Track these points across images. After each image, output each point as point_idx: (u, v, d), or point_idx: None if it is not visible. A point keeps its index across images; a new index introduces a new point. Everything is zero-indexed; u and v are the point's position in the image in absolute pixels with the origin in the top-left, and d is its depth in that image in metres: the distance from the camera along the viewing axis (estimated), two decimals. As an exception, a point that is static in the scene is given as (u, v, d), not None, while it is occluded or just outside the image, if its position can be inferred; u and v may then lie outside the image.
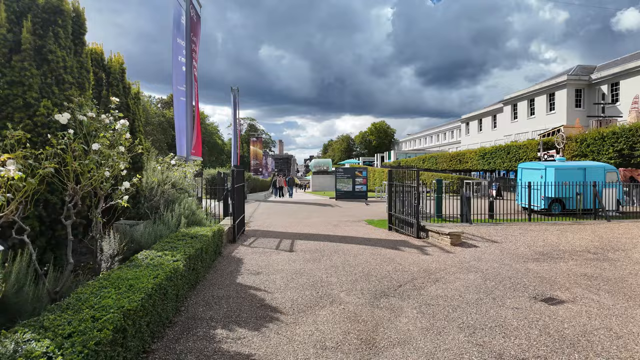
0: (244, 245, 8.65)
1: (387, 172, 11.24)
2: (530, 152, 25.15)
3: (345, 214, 15.97)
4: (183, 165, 8.59)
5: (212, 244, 6.41)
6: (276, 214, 16.33)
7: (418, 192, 9.35)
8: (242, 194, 10.73)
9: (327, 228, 11.82)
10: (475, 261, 6.88)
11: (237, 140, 24.13)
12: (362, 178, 22.96)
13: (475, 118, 47.96)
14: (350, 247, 8.31)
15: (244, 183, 10.72)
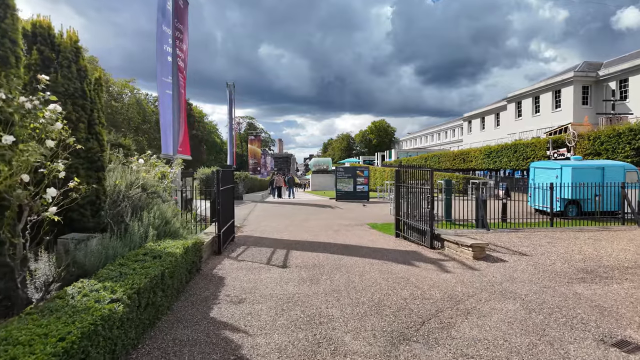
0: (230, 258, 7.31)
1: (394, 172, 9.92)
2: (539, 150, 23.81)
3: (347, 217, 14.65)
4: (156, 164, 7.24)
5: (183, 264, 5.07)
6: (272, 216, 15.01)
7: (432, 196, 8.03)
8: (232, 197, 9.40)
9: (327, 234, 10.50)
10: (508, 282, 5.55)
11: (234, 139, 22.79)
12: (363, 178, 21.63)
13: (478, 116, 46.59)
14: (354, 261, 6.97)
15: (233, 185, 9.38)
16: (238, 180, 23.25)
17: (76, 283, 3.49)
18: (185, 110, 12.55)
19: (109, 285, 3.44)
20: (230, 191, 9.18)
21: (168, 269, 4.35)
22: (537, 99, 36.32)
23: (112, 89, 48.83)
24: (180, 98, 11.80)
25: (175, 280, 4.69)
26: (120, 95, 49.15)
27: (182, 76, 12.16)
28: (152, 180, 6.68)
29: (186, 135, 12.51)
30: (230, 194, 9.18)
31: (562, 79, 33.49)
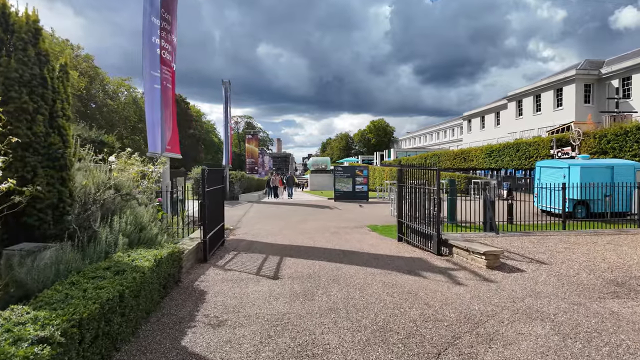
0: (217, 266, 6.54)
1: (397, 172, 9.17)
2: (542, 149, 23.10)
3: (346, 218, 13.91)
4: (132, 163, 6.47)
5: (154, 279, 4.30)
6: (268, 218, 14.25)
7: (439, 197, 7.28)
8: (221, 198, 8.64)
9: (324, 237, 9.75)
10: (532, 298, 4.80)
11: (229, 137, 22.02)
12: (362, 177, 20.88)
13: (478, 115, 45.90)
14: (354, 270, 6.21)
15: (222, 185, 8.62)
16: (234, 180, 22.48)
17: (2, 312, 2.72)
18: (174, 107, 11.76)
19: (43, 315, 2.67)
20: (219, 192, 8.42)
21: (131, 288, 3.58)
22: (538, 98, 35.63)
23: (107, 88, 48.02)
24: (168, 93, 11.04)
25: (143, 300, 3.93)
26: (116, 94, 48.34)
27: (171, 70, 11.39)
28: (128, 180, 5.91)
29: (176, 133, 11.73)
30: (219, 195, 8.42)
31: (563, 77, 32.81)
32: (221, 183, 8.61)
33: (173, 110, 11.63)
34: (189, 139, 57.89)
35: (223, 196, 8.66)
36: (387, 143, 75.42)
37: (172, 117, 11.51)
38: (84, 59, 46.11)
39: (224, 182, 8.61)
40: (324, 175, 39.68)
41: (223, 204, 8.68)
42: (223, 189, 8.63)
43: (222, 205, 8.57)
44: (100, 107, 45.53)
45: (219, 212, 8.40)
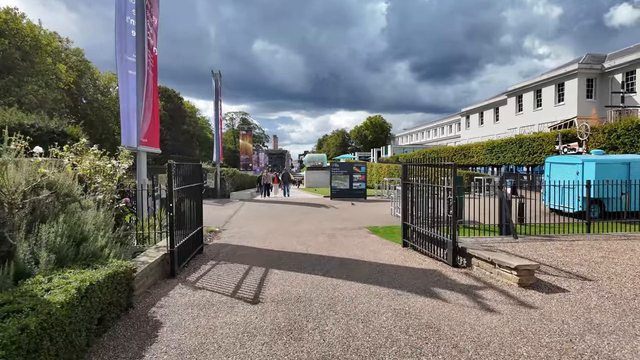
0: (186, 283, 5.26)
1: (402, 169, 7.91)
2: (547, 145, 21.94)
3: (343, 218, 12.67)
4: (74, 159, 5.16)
5: (74, 317, 2.99)
6: (259, 217, 12.97)
7: (455, 198, 6.05)
8: (199, 199, 7.34)
9: (319, 242, 8.50)
10: (594, 335, 3.55)
11: (220, 132, 20.67)
12: (360, 174, 19.63)
13: (476, 111, 44.76)
14: (355, 290, 4.92)
15: (200, 183, 7.32)
16: (225, 177, 21.16)
17: None
18: (155, 96, 10.41)
19: None
20: (196, 190, 7.13)
21: (19, 345, 2.30)
22: (539, 93, 34.52)
23: (98, 83, 46.33)
24: (147, 80, 9.67)
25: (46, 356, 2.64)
26: (107, 89, 46.66)
27: (152, 54, 10.03)
28: (67, 178, 4.60)
29: (156, 125, 10.39)
30: (196, 194, 7.12)
31: (565, 72, 31.69)
32: (199, 180, 7.32)
33: (154, 100, 10.29)
34: (183, 135, 56.35)
35: (201, 195, 7.36)
36: (383, 140, 74.17)
37: (153, 107, 10.17)
38: (73, 52, 44.41)
39: (203, 178, 7.32)
40: (320, 172, 38.43)
41: (201, 204, 7.39)
42: (201, 187, 7.34)
43: (200, 206, 7.28)
44: (90, 102, 43.94)
45: (197, 214, 7.12)
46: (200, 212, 7.32)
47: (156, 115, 10.31)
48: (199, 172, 7.26)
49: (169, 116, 53.18)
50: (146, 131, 9.60)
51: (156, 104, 10.36)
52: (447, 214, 6.29)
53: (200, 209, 7.32)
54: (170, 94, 54.08)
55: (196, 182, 7.11)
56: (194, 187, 6.98)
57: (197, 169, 7.20)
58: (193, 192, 6.86)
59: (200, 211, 7.29)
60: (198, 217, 7.22)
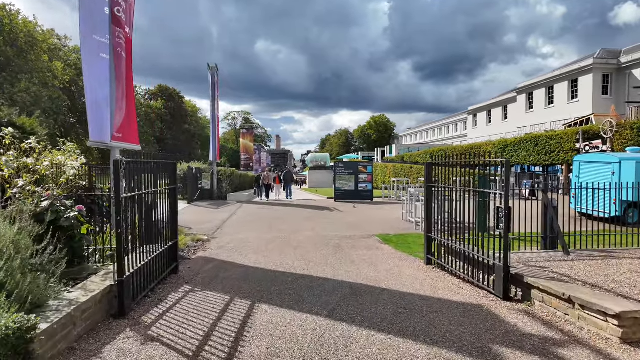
0: (137, 329, 3.72)
1: (425, 169, 6.36)
2: (566, 143, 20.30)
3: (349, 223, 11.14)
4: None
5: None
6: (255, 223, 11.46)
7: (507, 207, 4.52)
8: (172, 206, 5.81)
9: (323, 255, 6.98)
10: None
11: (217, 129, 19.18)
12: (366, 174, 18.08)
13: (484, 109, 43.06)
14: (377, 350, 3.34)
15: (174, 186, 5.79)
16: (222, 177, 19.69)
17: None
18: (130, 83, 8.92)
19: None
20: (168, 195, 5.63)
21: None
22: (551, 90, 32.82)
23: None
24: (120, 63, 8.18)
25: None
26: (106, 87, 45.43)
27: (125, 34, 8.54)
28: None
29: (132, 117, 8.89)
30: (168, 199, 5.62)
31: (579, 67, 30.00)
32: (172, 181, 5.81)
33: (128, 88, 8.77)
34: (184, 134, 55.00)
35: (175, 201, 5.84)
36: (387, 139, 72.47)
37: (127, 96, 8.66)
38: (72, 50, 43.15)
39: (176, 179, 5.81)
40: (323, 172, 36.95)
41: (176, 212, 5.86)
42: (174, 191, 5.82)
43: (174, 214, 5.77)
44: (89, 101, 42.63)
45: (170, 225, 5.61)
46: (175, 223, 5.80)
47: (132, 107, 8.80)
48: (171, 171, 5.75)
49: (169, 115, 51.86)
50: (120, 124, 8.12)
51: (131, 94, 8.85)
52: (491, 226, 4.75)
53: (175, 219, 5.80)
54: (171, 92, 52.77)
55: (167, 184, 5.61)
56: (164, 191, 5.47)
57: (168, 167, 5.68)
58: (163, 198, 5.36)
59: (174, 221, 5.78)
60: (172, 229, 5.71)
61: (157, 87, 52.43)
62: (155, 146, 48.48)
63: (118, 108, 7.72)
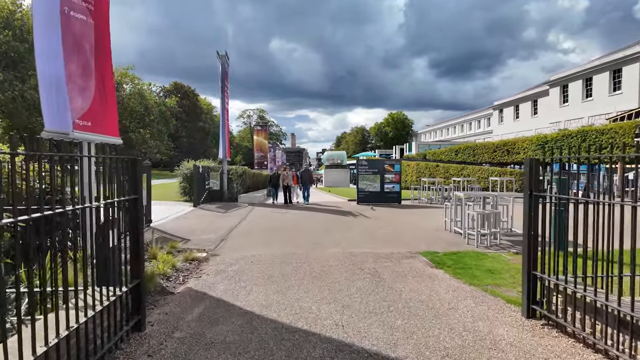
0: None
1: (529, 166, 4.04)
2: (621, 137, 17.48)
3: (381, 235, 8.89)
4: None
5: None
6: (267, 232, 9.33)
7: None
8: (134, 227, 3.65)
9: (359, 293, 4.76)
10: None
11: (226, 123, 17.15)
12: (394, 174, 15.74)
13: (511, 104, 39.95)
14: None
15: (135, 196, 3.64)
16: (233, 177, 17.67)
17: None
18: (107, 59, 6.84)
19: None
20: (129, 211, 3.49)
21: None
22: (589, 82, 29.66)
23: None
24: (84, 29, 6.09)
25: None
26: (120, 84, 44.05)
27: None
28: None
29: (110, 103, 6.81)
30: (129, 216, 3.49)
31: (623, 56, 26.82)
32: (132, 189, 3.66)
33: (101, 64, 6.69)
34: (199, 132, 53.60)
35: (137, 220, 3.66)
36: (405, 136, 69.52)
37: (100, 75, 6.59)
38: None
39: (137, 187, 3.64)
40: (340, 171, 34.78)
41: (138, 236, 3.68)
42: (135, 204, 3.65)
43: (135, 241, 3.61)
44: (104, 98, 41.40)
45: (132, 257, 3.48)
46: (137, 254, 3.65)
47: (109, 89, 6.71)
48: (132, 173, 3.60)
49: (184, 113, 50.49)
50: (88, 109, 6.05)
51: (108, 73, 6.76)
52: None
53: (137, 248, 3.65)
54: (186, 90, 51.40)
55: (133, 194, 3.48)
56: (125, 203, 3.34)
57: (126, 168, 3.53)
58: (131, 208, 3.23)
59: (136, 251, 3.62)
60: (134, 264, 3.57)
61: (172, 85, 51.09)
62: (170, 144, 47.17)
63: (77, 88, 5.63)
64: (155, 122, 43.95)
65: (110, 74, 6.82)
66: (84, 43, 5.94)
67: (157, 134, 43.77)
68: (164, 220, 11.08)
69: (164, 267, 5.89)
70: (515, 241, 8.47)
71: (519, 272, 6.02)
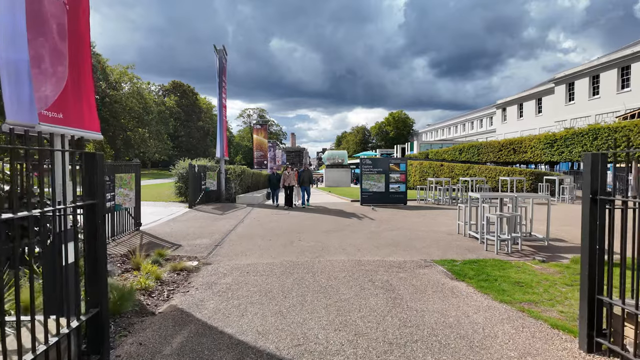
0: None
1: (589, 164, 3.26)
2: (635, 136, 16.69)
3: (390, 240, 8.08)
4: None
5: None
6: (266, 237, 8.51)
7: None
8: (91, 237, 2.85)
9: (373, 314, 3.95)
10: None
11: (224, 120, 16.35)
12: (399, 173, 14.94)
13: (515, 102, 39.14)
14: None
15: (94, 202, 2.84)
16: (231, 176, 16.86)
17: None
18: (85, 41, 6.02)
19: None
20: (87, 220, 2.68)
21: None
22: (596, 79, 28.83)
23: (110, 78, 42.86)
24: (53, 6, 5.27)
25: None
26: (118, 83, 43.17)
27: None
28: None
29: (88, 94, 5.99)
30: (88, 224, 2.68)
31: (632, 53, 25.97)
32: (90, 194, 2.84)
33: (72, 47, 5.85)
34: (198, 131, 52.75)
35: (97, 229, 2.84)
36: (406, 136, 68.66)
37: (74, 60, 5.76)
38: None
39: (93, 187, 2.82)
40: (341, 171, 34.01)
41: (99, 253, 2.87)
42: (94, 211, 2.83)
43: (92, 259, 2.80)
44: (102, 97, 40.58)
45: (89, 278, 2.68)
46: (96, 273, 2.83)
47: (86, 77, 5.89)
48: (89, 175, 2.78)
49: (183, 112, 49.64)
50: (58, 98, 5.24)
51: (86, 58, 5.94)
52: None
53: (99, 267, 2.83)
54: (185, 88, 50.52)
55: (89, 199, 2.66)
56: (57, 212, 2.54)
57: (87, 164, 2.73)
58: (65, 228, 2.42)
59: (97, 269, 2.81)
60: (92, 289, 2.76)
61: (171, 83, 50.28)
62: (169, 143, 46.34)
63: (44, 73, 4.83)
64: (154, 121, 43.09)
65: (87, 62, 5.99)
66: (52, 23, 5.11)
67: (156, 133, 42.93)
68: (154, 224, 10.28)
69: (146, 281, 5.09)
70: (537, 247, 7.68)
71: (552, 285, 5.23)
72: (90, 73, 6.09)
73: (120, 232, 8.09)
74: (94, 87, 6.11)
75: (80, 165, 2.74)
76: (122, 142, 42.19)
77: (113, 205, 7.74)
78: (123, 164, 8.22)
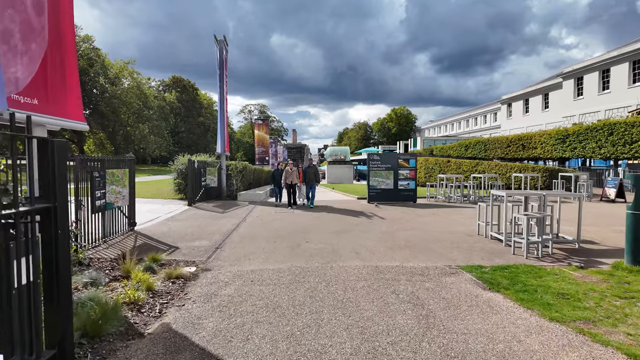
0: None
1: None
2: (654, 131, 15.92)
3: (403, 241, 7.34)
4: None
5: None
6: (270, 239, 7.78)
7: None
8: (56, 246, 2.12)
9: (404, 338, 3.23)
10: None
11: (225, 114, 15.58)
12: (409, 170, 14.20)
13: (520, 98, 38.27)
14: None
15: (49, 205, 2.14)
16: (232, 173, 16.13)
17: None
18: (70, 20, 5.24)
19: None
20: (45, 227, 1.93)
21: None
22: (607, 73, 27.96)
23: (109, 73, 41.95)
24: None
25: None
26: (118, 78, 42.30)
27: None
28: None
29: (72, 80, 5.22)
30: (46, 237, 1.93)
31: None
32: (47, 198, 2.09)
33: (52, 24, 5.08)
34: (199, 127, 51.94)
35: (57, 242, 2.11)
36: (408, 132, 67.78)
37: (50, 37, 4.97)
38: (83, 39, 40.39)
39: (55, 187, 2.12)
40: (343, 167, 33.27)
41: (58, 274, 2.15)
42: (49, 217, 2.09)
43: (50, 280, 2.07)
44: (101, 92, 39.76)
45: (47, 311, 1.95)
46: (57, 300, 2.10)
47: (70, 62, 5.12)
48: (47, 170, 2.05)
49: (183, 108, 48.81)
50: (31, 81, 4.49)
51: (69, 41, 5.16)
52: None
53: (57, 291, 2.09)
54: (185, 84, 49.63)
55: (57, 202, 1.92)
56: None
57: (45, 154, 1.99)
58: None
59: (55, 298, 2.07)
60: (52, 321, 2.01)
61: (171, 78, 49.43)
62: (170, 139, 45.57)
63: (12, 51, 4.09)
64: (154, 117, 42.30)
65: (71, 42, 5.23)
66: None
67: (157, 129, 42.16)
68: (151, 223, 9.57)
69: (135, 293, 4.37)
70: (568, 250, 6.95)
71: (602, 298, 4.51)
72: (75, 55, 5.32)
73: (111, 233, 7.37)
74: (77, 72, 5.36)
75: (33, 155, 2.00)
76: (122, 138, 41.46)
77: (104, 204, 7.01)
78: (114, 159, 7.48)
